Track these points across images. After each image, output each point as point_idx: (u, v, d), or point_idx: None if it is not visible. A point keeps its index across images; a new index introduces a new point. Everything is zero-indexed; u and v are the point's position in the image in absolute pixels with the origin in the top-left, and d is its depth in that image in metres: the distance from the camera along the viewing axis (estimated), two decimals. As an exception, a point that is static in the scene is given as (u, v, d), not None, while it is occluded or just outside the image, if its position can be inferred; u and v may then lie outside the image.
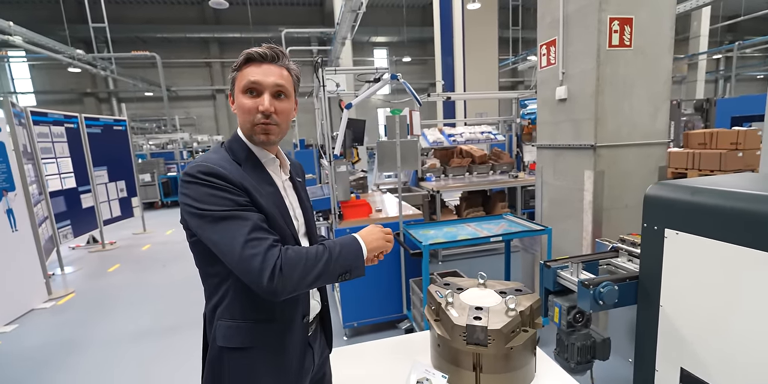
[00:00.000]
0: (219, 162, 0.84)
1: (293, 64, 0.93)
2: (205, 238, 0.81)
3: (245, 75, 0.87)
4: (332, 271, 0.84)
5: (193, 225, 0.82)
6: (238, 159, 0.90)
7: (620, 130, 2.34)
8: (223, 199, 0.80)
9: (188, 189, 0.81)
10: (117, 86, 16.61)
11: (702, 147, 4.95)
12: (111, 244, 5.76)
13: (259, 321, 0.90)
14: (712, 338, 1.05)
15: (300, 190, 1.05)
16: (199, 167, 0.82)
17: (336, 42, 9.05)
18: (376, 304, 2.67)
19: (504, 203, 4.65)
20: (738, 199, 1.00)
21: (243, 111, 0.88)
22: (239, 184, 0.83)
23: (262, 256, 0.76)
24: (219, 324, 0.89)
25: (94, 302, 3.68)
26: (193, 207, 0.80)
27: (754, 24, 16.44)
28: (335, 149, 2.60)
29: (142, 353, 2.69)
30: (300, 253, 0.82)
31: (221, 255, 0.80)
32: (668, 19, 2.36)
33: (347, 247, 0.89)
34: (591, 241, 2.31)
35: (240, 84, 0.87)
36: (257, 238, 0.78)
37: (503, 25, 10.24)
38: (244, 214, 0.80)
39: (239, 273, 0.79)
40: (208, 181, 0.80)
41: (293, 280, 0.78)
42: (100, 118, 5.74)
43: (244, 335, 0.89)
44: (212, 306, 0.91)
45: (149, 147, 11.10)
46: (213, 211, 0.79)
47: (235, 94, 0.90)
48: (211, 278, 0.90)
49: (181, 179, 0.83)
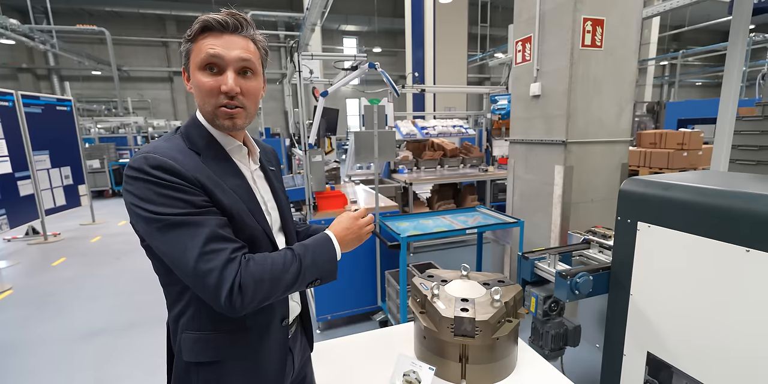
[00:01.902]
0: (170, 153, 0.71)
1: (260, 35, 0.79)
2: (155, 246, 0.70)
3: (202, 47, 0.72)
4: (302, 281, 0.75)
5: (142, 230, 0.70)
6: (197, 147, 0.76)
7: (588, 128, 2.44)
8: (174, 199, 0.67)
9: (134, 186, 0.68)
10: (59, 63, 15.10)
11: (653, 146, 5.32)
12: (55, 236, 5.29)
13: (230, 331, 0.79)
14: (678, 324, 1.12)
15: (273, 180, 0.94)
16: (146, 160, 0.68)
17: (305, 28, 8.72)
18: (350, 297, 2.65)
19: (474, 196, 4.77)
20: (707, 195, 1.06)
21: (202, 91, 0.74)
22: (194, 180, 0.70)
23: (219, 272, 0.66)
24: (184, 337, 0.78)
25: (36, 299, 3.36)
26: (140, 208, 0.68)
27: (696, 35, 17.85)
28: (309, 138, 2.51)
29: (97, 353, 2.50)
30: (264, 264, 0.71)
31: (173, 267, 0.69)
32: (635, 23, 2.47)
33: (320, 253, 0.79)
34: (560, 234, 2.41)
35: (197, 58, 0.73)
36: (213, 250, 0.67)
37: (472, 22, 10.36)
38: (199, 219, 0.68)
39: (195, 289, 0.69)
40: (158, 178, 0.67)
41: (255, 297, 0.69)
42: (41, 96, 5.19)
43: (214, 348, 0.79)
44: (174, 316, 0.80)
45: (98, 131, 10.25)
46: (163, 216, 0.67)
47: (191, 70, 0.75)
48: (171, 286, 0.78)
49: (125, 174, 0.70)
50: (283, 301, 0.88)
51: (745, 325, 0.96)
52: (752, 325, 0.95)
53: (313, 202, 2.47)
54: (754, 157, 2.88)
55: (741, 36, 2.32)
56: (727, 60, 2.42)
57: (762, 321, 0.93)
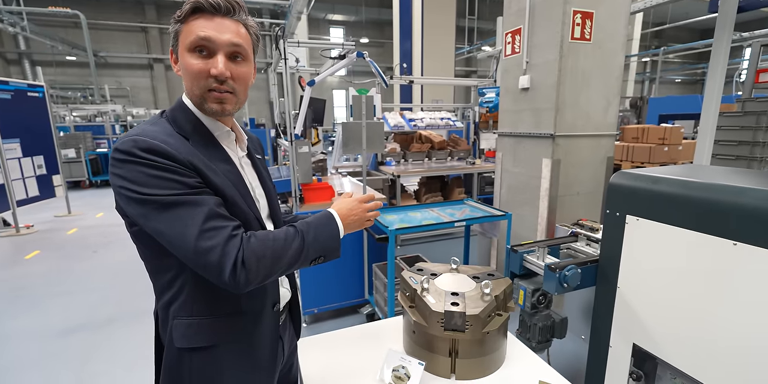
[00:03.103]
0: (159, 136, 0.69)
1: (251, 20, 0.78)
2: (150, 228, 0.67)
3: (193, 29, 0.71)
4: (304, 258, 0.76)
5: (134, 213, 0.68)
6: (184, 132, 0.75)
7: (576, 121, 2.45)
8: (170, 181, 0.66)
9: (123, 169, 0.66)
10: (30, 47, 14.36)
11: (635, 141, 5.42)
12: (27, 228, 5.07)
13: (224, 315, 0.79)
14: (665, 317, 1.14)
15: (260, 168, 0.93)
16: (136, 142, 0.66)
17: (291, 16, 8.50)
18: (337, 290, 2.62)
19: (461, 189, 4.78)
20: (695, 189, 1.06)
21: (191, 74, 0.72)
22: (187, 163, 0.69)
23: (221, 249, 0.65)
24: (176, 323, 0.77)
25: (8, 294, 3.22)
26: (131, 191, 0.66)
27: (677, 32, 18.24)
28: (296, 128, 2.45)
29: (73, 350, 2.41)
30: (266, 240, 0.71)
31: (172, 247, 0.68)
32: (624, 17, 2.47)
33: (323, 229, 0.80)
34: (546, 226, 2.43)
35: (186, 40, 0.71)
36: (214, 227, 0.67)
37: (459, 14, 10.30)
38: (196, 198, 0.68)
39: (196, 268, 0.68)
40: (149, 160, 0.66)
41: (259, 273, 0.69)
42: (10, 81, 4.92)
43: (208, 333, 0.78)
44: (165, 303, 0.79)
45: (73, 119, 9.84)
46: (158, 196, 0.65)
47: (179, 52, 0.73)
48: (161, 273, 0.77)
49: (113, 157, 0.68)
50: (274, 286, 0.88)
51: (731, 318, 0.97)
52: (738, 317, 0.96)
53: (299, 193, 2.42)
54: (734, 152, 2.95)
55: (726, 33, 2.36)
56: (711, 57, 2.45)
57: (748, 313, 0.94)
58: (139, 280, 3.35)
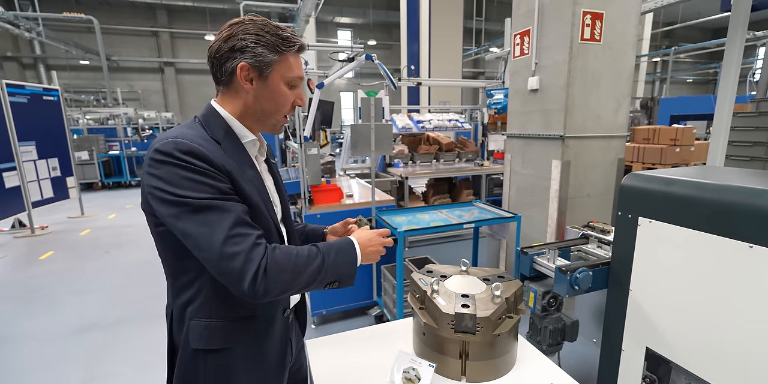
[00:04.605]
0: (197, 140, 0.72)
1: None
2: (179, 229, 0.69)
3: (293, 66, 0.80)
4: (322, 279, 0.77)
5: (164, 213, 0.70)
6: (217, 137, 0.78)
7: (586, 122, 2.43)
8: (204, 184, 0.69)
9: (160, 170, 0.69)
10: (45, 51, 14.68)
11: (646, 142, 5.35)
12: (42, 229, 5.18)
13: (239, 319, 0.81)
14: (678, 320, 1.12)
15: (275, 172, 0.98)
16: (176, 144, 0.69)
17: (299, 19, 8.58)
18: (345, 291, 2.63)
19: (469, 191, 4.76)
20: (710, 190, 1.05)
21: (284, 103, 0.82)
22: (222, 168, 0.72)
23: (245, 255, 0.67)
24: (193, 324, 0.79)
25: (24, 293, 3.29)
26: (166, 192, 0.68)
27: (688, 32, 17.97)
28: (305, 131, 2.47)
29: (87, 349, 2.45)
30: (289, 254, 0.73)
31: (196, 250, 0.69)
32: (634, 18, 2.45)
33: (343, 254, 0.82)
34: (556, 229, 2.41)
35: (288, 74, 0.80)
36: (240, 234, 0.68)
37: (467, 15, 10.28)
38: (226, 204, 0.70)
39: (216, 273, 0.69)
40: (187, 163, 0.68)
41: (278, 285, 0.70)
42: (26, 85, 5.04)
43: (224, 335, 0.80)
44: (182, 304, 0.80)
45: (86, 122, 10.03)
46: (191, 199, 0.67)
47: (271, 79, 0.79)
48: (181, 274, 0.79)
49: (151, 158, 0.70)
50: None
51: (747, 321, 0.96)
52: (754, 321, 0.94)
53: (308, 195, 2.43)
54: (748, 153, 2.90)
55: (740, 32, 2.32)
56: (725, 56, 2.42)
57: (764, 317, 0.92)
58: (151, 281, 3.40)
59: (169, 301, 0.85)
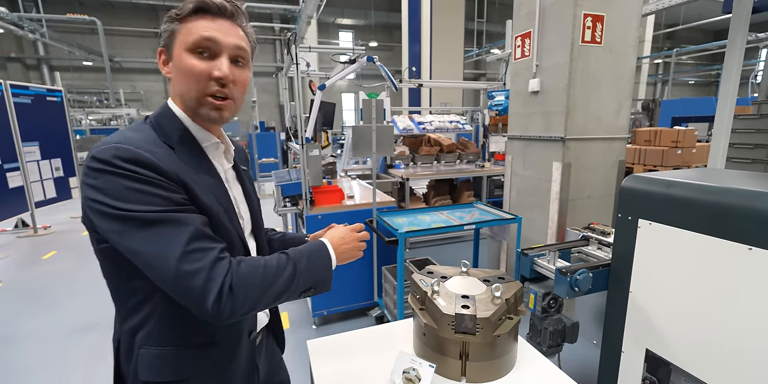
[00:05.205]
0: (143, 144, 0.63)
1: (250, 27, 0.75)
2: (125, 247, 0.61)
3: (195, 29, 0.66)
4: (295, 289, 0.70)
5: (106, 229, 0.61)
6: (170, 141, 0.69)
7: (587, 124, 2.44)
8: (152, 195, 0.60)
9: (99, 180, 0.60)
10: (49, 52, 14.76)
11: (647, 144, 5.35)
12: (45, 229, 5.20)
13: (196, 346, 0.73)
14: (678, 321, 1.12)
15: (245, 180, 0.88)
16: (116, 151, 0.60)
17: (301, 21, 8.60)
18: (346, 292, 2.64)
19: (470, 192, 4.76)
20: (710, 192, 1.06)
21: (190, 75, 0.66)
22: (173, 176, 0.63)
23: (207, 273, 0.59)
24: (142, 353, 0.70)
25: (27, 293, 3.31)
26: (106, 205, 0.60)
27: (690, 33, 17.96)
28: (307, 132, 2.48)
29: (88, 349, 2.47)
30: (256, 266, 0.65)
31: (148, 269, 0.61)
32: (635, 20, 2.46)
33: (315, 259, 0.75)
34: (557, 230, 2.41)
35: (186, 39, 0.66)
36: (200, 248, 0.60)
37: (468, 17, 10.31)
38: (182, 216, 0.61)
39: (175, 294, 0.61)
40: (130, 172, 0.60)
41: (246, 302, 0.62)
42: (30, 86, 5.07)
43: (178, 365, 0.71)
44: (130, 330, 0.71)
45: (89, 122, 10.08)
46: (138, 213, 0.59)
47: (174, 52, 0.68)
48: (130, 296, 0.70)
49: (87, 166, 0.61)
50: None
51: (746, 324, 0.96)
52: (753, 322, 0.95)
53: (310, 196, 2.44)
54: (750, 155, 2.90)
55: (740, 34, 2.32)
56: (726, 58, 2.42)
57: (764, 318, 0.93)
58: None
59: (115, 327, 0.75)
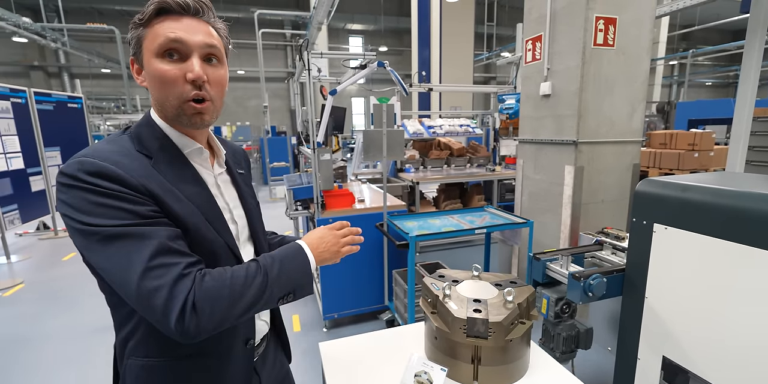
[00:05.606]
0: (111, 156, 0.61)
1: (220, 22, 0.71)
2: (93, 262, 0.60)
3: (159, 31, 0.63)
4: (270, 297, 0.66)
5: (76, 244, 0.61)
6: (148, 150, 0.67)
7: (599, 128, 2.41)
8: (116, 209, 0.58)
9: (67, 194, 0.59)
10: (69, 60, 15.27)
11: (663, 147, 5.25)
12: (65, 231, 5.34)
13: (183, 357, 0.70)
14: (696, 328, 1.10)
15: (241, 184, 0.84)
16: (81, 165, 0.59)
17: (312, 26, 8.72)
18: (357, 295, 2.65)
19: (480, 196, 4.74)
20: (727, 197, 1.04)
21: (164, 81, 0.64)
22: (141, 188, 0.61)
23: (168, 291, 0.57)
24: (130, 363, 0.70)
25: (48, 293, 3.40)
26: (73, 220, 0.58)
27: (706, 34, 17.61)
28: (318, 137, 2.51)
29: (108, 349, 2.52)
30: (222, 278, 0.62)
31: (115, 286, 0.60)
32: (648, 22, 2.44)
33: (289, 263, 0.70)
34: (569, 235, 2.39)
35: (153, 44, 0.63)
36: (163, 264, 0.58)
37: (478, 21, 10.31)
38: (145, 230, 0.59)
39: (140, 312, 0.60)
40: (94, 185, 0.58)
41: (213, 318, 0.59)
42: (53, 93, 5.25)
43: (164, 377, 0.69)
44: (122, 339, 0.71)
45: (107, 128, 10.36)
46: (101, 227, 0.57)
47: (144, 60, 0.65)
48: (120, 306, 0.70)
49: (57, 181, 0.61)
50: (246, 323, 0.79)
51: (765, 330, 0.94)
52: (773, 330, 0.93)
53: (321, 200, 2.47)
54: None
55: (759, 34, 2.28)
56: (744, 59, 2.37)
57: (784, 326, 0.91)
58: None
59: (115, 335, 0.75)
